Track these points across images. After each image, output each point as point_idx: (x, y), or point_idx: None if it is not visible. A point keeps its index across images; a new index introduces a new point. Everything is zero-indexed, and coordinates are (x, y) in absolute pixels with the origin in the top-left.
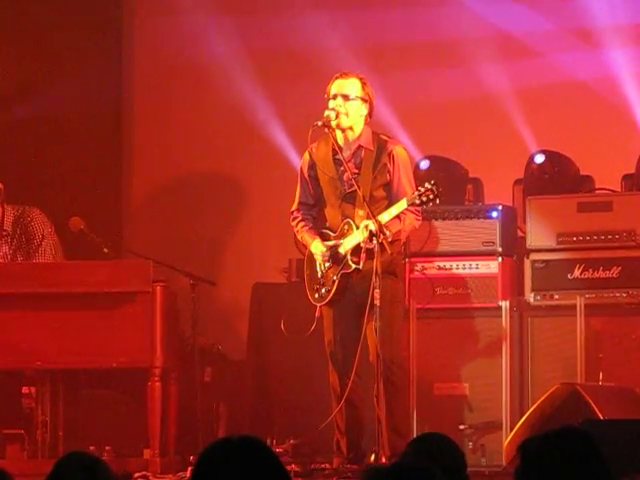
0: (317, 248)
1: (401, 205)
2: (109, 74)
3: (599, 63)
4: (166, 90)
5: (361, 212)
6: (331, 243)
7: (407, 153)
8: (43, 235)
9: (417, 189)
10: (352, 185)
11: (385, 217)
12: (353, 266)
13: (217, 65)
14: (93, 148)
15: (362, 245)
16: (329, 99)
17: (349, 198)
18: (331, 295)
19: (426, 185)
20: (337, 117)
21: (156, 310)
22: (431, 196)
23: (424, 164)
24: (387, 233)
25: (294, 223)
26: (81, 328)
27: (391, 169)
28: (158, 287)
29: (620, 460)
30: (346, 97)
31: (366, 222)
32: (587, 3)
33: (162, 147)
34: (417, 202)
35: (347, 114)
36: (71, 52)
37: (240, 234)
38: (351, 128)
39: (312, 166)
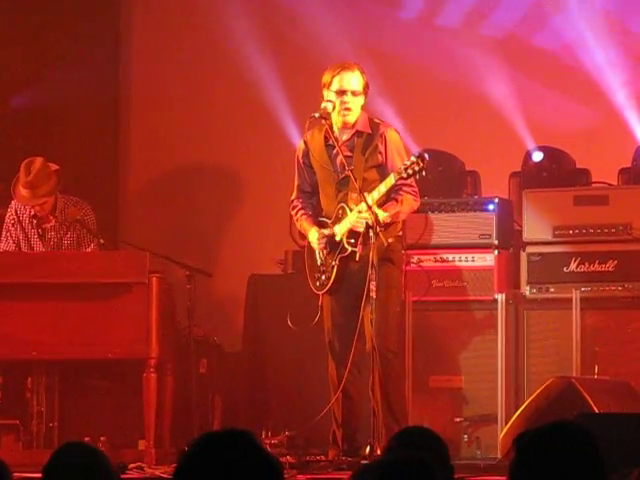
0: (313, 236)
1: (389, 181)
2: (106, 66)
3: (596, 55)
4: (163, 82)
5: (354, 195)
6: (327, 231)
7: (399, 135)
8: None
9: (403, 163)
10: (344, 170)
11: (375, 195)
12: (349, 249)
13: (214, 57)
14: (90, 140)
15: (352, 228)
16: (327, 89)
17: (343, 184)
18: (331, 282)
19: (412, 158)
20: (346, 112)
21: (152, 301)
22: (416, 168)
23: None
24: (383, 215)
25: (293, 212)
26: (77, 319)
27: (383, 150)
28: (154, 278)
29: (615, 454)
30: (355, 93)
31: (359, 207)
32: None
33: (158, 139)
34: (404, 175)
35: (354, 110)
36: (68, 44)
37: (236, 226)
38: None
39: (306, 153)
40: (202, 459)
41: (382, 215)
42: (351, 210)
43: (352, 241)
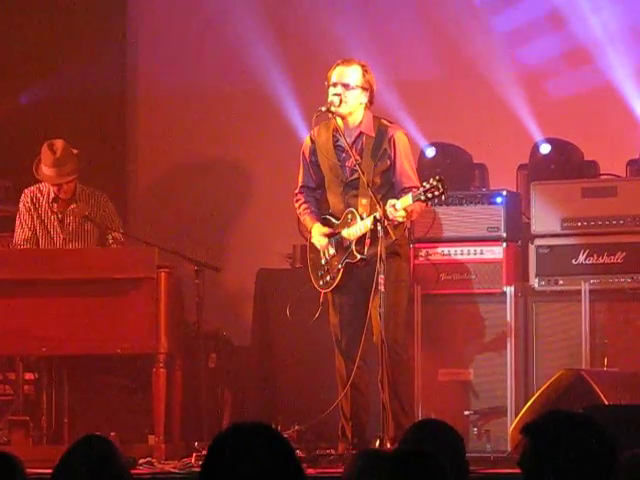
0: (318, 237)
1: (406, 200)
2: (113, 58)
3: (606, 48)
4: (170, 76)
5: (364, 201)
6: (333, 235)
7: (408, 138)
8: (114, 221)
9: (422, 184)
10: (354, 172)
11: (389, 209)
12: (358, 256)
13: (222, 51)
14: (98, 134)
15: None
16: (329, 86)
17: (351, 186)
18: (336, 283)
19: (431, 181)
20: (340, 103)
21: (161, 296)
22: (436, 193)
23: (430, 151)
24: (398, 213)
25: (297, 205)
26: (86, 314)
27: (392, 154)
28: (163, 273)
29: (625, 446)
30: (346, 86)
31: (394, 203)
32: None
33: (166, 133)
34: (422, 198)
35: (346, 102)
36: (76, 36)
37: (244, 220)
38: (350, 114)
39: (313, 151)
40: (233, 452)
41: (401, 215)
42: (362, 218)
43: (360, 248)
